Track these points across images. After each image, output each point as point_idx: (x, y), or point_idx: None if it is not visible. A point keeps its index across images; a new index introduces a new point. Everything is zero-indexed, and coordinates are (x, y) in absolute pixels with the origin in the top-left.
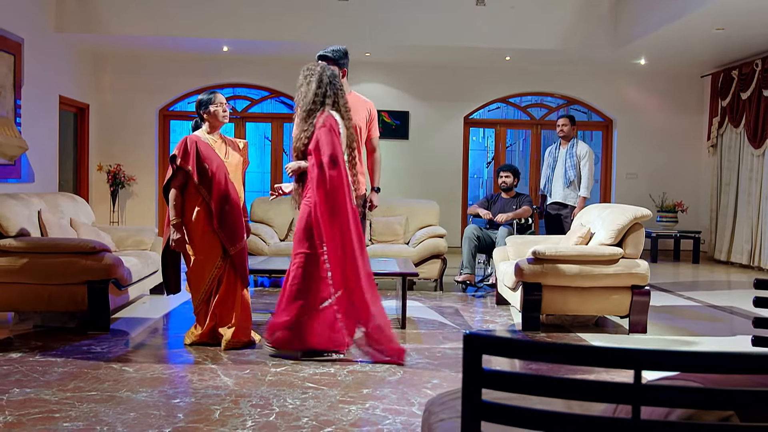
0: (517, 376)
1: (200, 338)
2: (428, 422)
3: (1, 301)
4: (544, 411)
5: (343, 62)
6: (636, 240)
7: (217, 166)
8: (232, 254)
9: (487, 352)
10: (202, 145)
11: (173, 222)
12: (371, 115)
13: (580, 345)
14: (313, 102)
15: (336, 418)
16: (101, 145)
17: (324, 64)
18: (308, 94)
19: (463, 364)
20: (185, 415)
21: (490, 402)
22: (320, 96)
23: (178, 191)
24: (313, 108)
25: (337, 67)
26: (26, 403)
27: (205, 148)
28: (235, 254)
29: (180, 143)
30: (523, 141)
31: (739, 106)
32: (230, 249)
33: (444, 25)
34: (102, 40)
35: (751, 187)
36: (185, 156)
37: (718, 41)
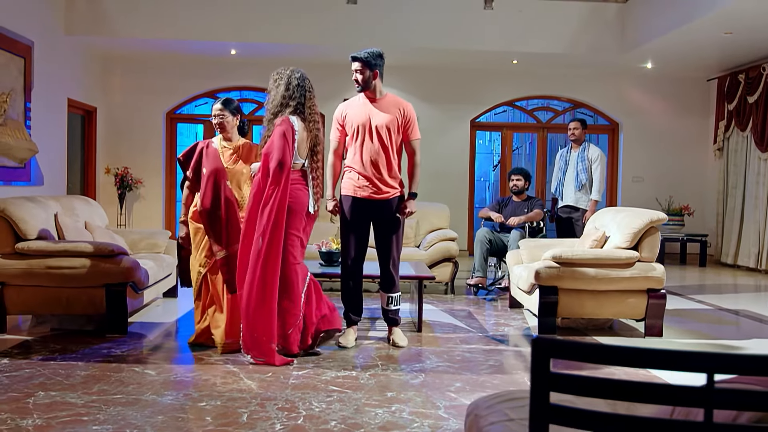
0: (585, 379)
1: (196, 337)
2: (476, 425)
3: (20, 303)
4: (613, 414)
5: (376, 63)
6: (652, 243)
7: (214, 169)
8: (217, 258)
9: (555, 355)
10: (209, 150)
11: (181, 219)
12: (404, 116)
13: (650, 348)
14: (279, 105)
15: (364, 422)
16: (109, 147)
17: (294, 68)
18: (276, 98)
19: (531, 368)
20: (213, 419)
21: (558, 405)
22: (286, 99)
23: (190, 191)
24: (278, 111)
25: (368, 69)
26: (53, 407)
27: (211, 153)
28: (223, 259)
29: (189, 147)
30: (530, 144)
31: (746, 110)
32: (217, 251)
33: (452, 28)
34: (110, 43)
35: (758, 190)
36: (188, 159)
37: (724, 45)
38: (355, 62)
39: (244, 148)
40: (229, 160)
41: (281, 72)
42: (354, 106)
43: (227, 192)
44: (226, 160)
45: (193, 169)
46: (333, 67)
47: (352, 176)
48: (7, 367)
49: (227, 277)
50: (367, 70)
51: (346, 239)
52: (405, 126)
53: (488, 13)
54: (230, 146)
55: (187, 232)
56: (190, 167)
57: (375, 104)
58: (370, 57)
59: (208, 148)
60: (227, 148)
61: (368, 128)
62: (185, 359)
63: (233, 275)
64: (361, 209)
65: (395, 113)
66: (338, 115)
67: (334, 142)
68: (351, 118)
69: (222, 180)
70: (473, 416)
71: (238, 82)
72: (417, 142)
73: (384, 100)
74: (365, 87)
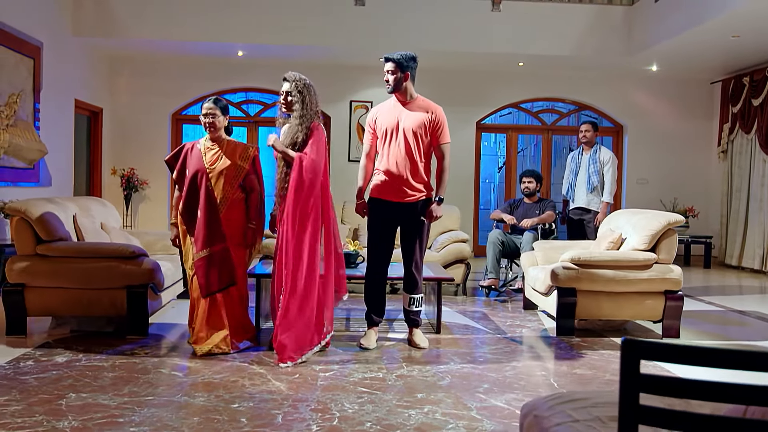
0: (676, 381)
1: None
2: (539, 426)
3: (40, 305)
4: (703, 415)
5: (408, 65)
6: (669, 245)
7: (194, 172)
8: (194, 259)
9: (646, 357)
10: (193, 151)
11: (171, 222)
12: (432, 120)
13: (745, 350)
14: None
15: (399, 423)
16: (114, 148)
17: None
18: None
19: (620, 369)
20: (248, 420)
21: (647, 406)
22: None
23: (180, 193)
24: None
25: (400, 70)
26: (86, 408)
27: (195, 154)
28: (200, 259)
29: (176, 148)
30: (534, 146)
31: (751, 113)
32: (194, 253)
33: (459, 30)
34: (117, 44)
35: (762, 192)
36: (174, 161)
37: (730, 48)
38: (388, 63)
39: (228, 146)
40: (212, 160)
41: (302, 78)
42: (385, 110)
43: (207, 192)
44: (209, 160)
45: (178, 171)
46: (340, 69)
47: (379, 178)
48: (34, 369)
49: (203, 280)
50: (399, 72)
51: (372, 241)
52: (434, 129)
53: (495, 15)
54: (215, 147)
55: (177, 234)
56: (176, 169)
57: (405, 107)
58: (403, 59)
59: (192, 150)
60: (211, 149)
61: (396, 131)
62: (210, 361)
63: (210, 277)
64: (387, 211)
65: (425, 117)
66: (370, 119)
67: (366, 144)
68: (381, 121)
69: (202, 181)
70: (532, 417)
71: (244, 84)
72: (447, 146)
73: (414, 103)
74: (396, 88)
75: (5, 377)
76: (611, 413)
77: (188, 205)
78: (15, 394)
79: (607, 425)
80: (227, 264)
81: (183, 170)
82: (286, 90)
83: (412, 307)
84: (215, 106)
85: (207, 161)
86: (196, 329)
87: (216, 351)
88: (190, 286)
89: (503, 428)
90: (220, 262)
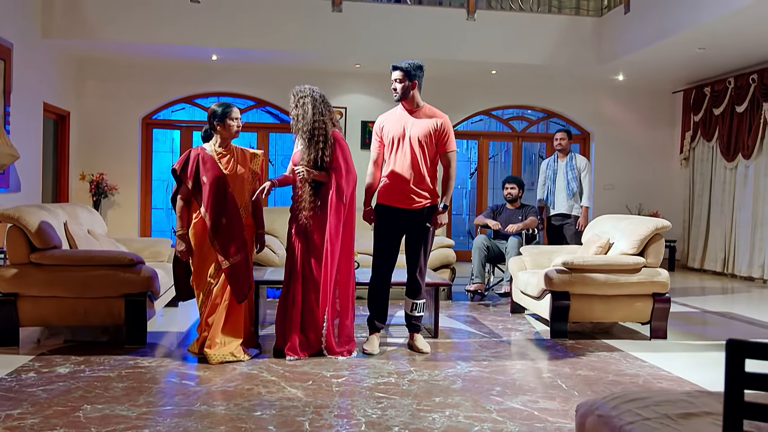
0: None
1: (199, 349)
2: (610, 425)
3: (34, 315)
4: None
5: (415, 74)
6: (657, 249)
7: (215, 178)
8: (223, 268)
9: (750, 356)
10: (205, 158)
11: (178, 233)
12: (438, 129)
13: None
14: (314, 122)
15: (425, 427)
16: (83, 153)
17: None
18: (306, 116)
19: (726, 368)
20: (276, 427)
21: (753, 402)
22: (318, 115)
23: (185, 203)
24: (315, 127)
25: (408, 79)
26: (107, 420)
27: (208, 160)
28: (229, 267)
29: (182, 156)
30: (505, 153)
31: (712, 121)
32: (222, 261)
33: (435, 38)
34: (86, 46)
35: (724, 198)
36: (184, 169)
37: (693, 59)
38: (395, 71)
39: (237, 152)
40: (227, 166)
41: (302, 91)
42: (392, 118)
43: (229, 199)
44: (224, 166)
45: (191, 178)
46: (315, 74)
47: (386, 185)
48: (39, 381)
49: (236, 285)
50: (406, 80)
51: (378, 246)
52: (440, 138)
53: (470, 24)
54: (226, 153)
55: (187, 246)
56: (188, 176)
57: (412, 115)
58: (411, 68)
59: (203, 157)
60: (224, 155)
61: (403, 139)
62: (218, 369)
63: (240, 284)
64: (393, 218)
65: (430, 125)
66: (377, 127)
67: (374, 152)
68: (388, 129)
69: (224, 187)
70: (596, 417)
71: (217, 88)
72: (453, 154)
73: (421, 111)
74: (403, 97)
75: (10, 390)
76: (677, 411)
77: (215, 212)
78: (27, 407)
79: (678, 422)
80: (251, 269)
81: (197, 177)
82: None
83: (415, 312)
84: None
85: (223, 167)
86: (212, 334)
87: (231, 359)
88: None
89: (527, 429)
90: (247, 268)
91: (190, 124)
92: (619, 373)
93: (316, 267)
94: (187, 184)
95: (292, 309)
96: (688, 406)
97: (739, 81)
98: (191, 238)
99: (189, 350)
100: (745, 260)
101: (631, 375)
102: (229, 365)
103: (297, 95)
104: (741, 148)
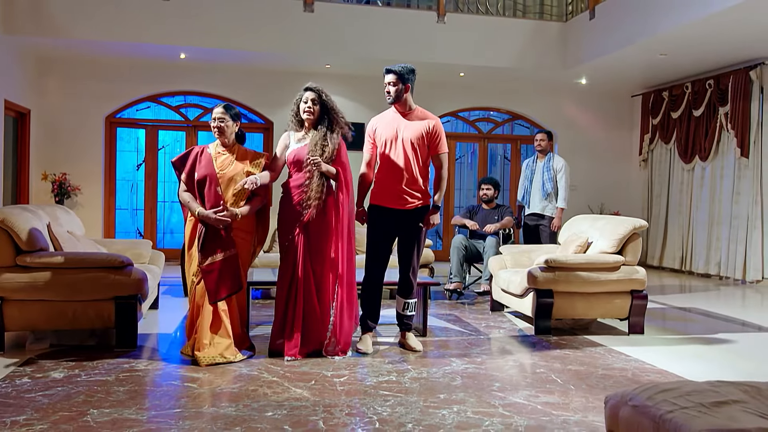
0: None
1: (190, 350)
2: (648, 414)
3: (21, 320)
4: None
5: (408, 78)
6: (635, 248)
7: (205, 176)
8: (201, 266)
9: None
10: (204, 155)
11: (201, 215)
12: (430, 131)
13: None
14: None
15: (438, 423)
16: (44, 152)
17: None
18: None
19: None
20: (291, 427)
21: None
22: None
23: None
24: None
25: (401, 82)
26: (118, 424)
27: (205, 158)
28: (206, 266)
29: (184, 152)
30: (471, 154)
31: (670, 125)
32: (201, 261)
33: (406, 40)
34: (50, 43)
35: (681, 198)
36: (182, 164)
37: (653, 64)
38: (389, 74)
39: (239, 153)
40: (222, 165)
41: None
42: (384, 121)
43: (217, 198)
44: (219, 165)
45: (188, 174)
46: (285, 75)
47: (379, 186)
48: (35, 386)
49: (211, 286)
50: (400, 84)
51: (370, 247)
52: (432, 140)
53: (441, 27)
54: (225, 152)
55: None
56: (185, 171)
57: (404, 118)
58: (404, 71)
59: (202, 154)
60: (222, 154)
61: (395, 141)
62: (216, 371)
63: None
64: (386, 218)
65: (423, 127)
66: (370, 129)
67: (366, 154)
68: (381, 131)
69: (211, 186)
70: (629, 408)
71: (184, 87)
72: (444, 155)
73: (413, 114)
74: (396, 99)
75: (8, 396)
76: (709, 400)
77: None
78: (30, 413)
79: (712, 410)
80: (235, 270)
81: (191, 173)
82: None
83: (407, 311)
84: (225, 111)
85: (217, 166)
86: (199, 336)
87: (221, 360)
88: (191, 293)
89: (536, 423)
90: (229, 269)
91: (155, 123)
92: (607, 367)
93: (318, 265)
94: (180, 177)
95: (292, 309)
96: (715, 395)
97: (696, 86)
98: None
99: (182, 353)
100: (702, 258)
101: (619, 369)
102: (226, 366)
103: (320, 90)
104: (698, 151)
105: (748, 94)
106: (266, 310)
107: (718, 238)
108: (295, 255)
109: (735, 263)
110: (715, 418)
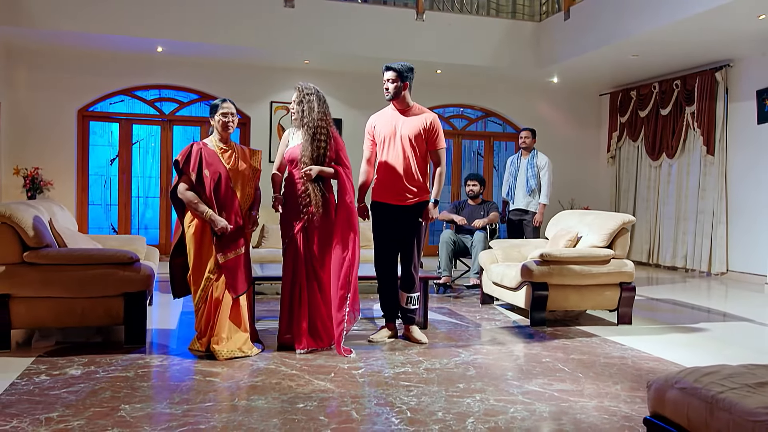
0: None
1: (203, 347)
2: (698, 395)
3: (28, 317)
4: None
5: (407, 75)
6: (624, 242)
7: (216, 173)
8: (221, 262)
9: None
10: (208, 152)
11: (208, 216)
12: (428, 128)
13: None
14: (319, 119)
15: (465, 411)
16: (14, 146)
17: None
18: (312, 113)
19: None
20: (327, 417)
21: None
22: (322, 114)
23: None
24: (319, 125)
25: (400, 80)
26: (155, 418)
27: (211, 154)
28: (227, 262)
29: (185, 149)
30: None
31: (638, 123)
32: (219, 256)
33: (384, 37)
34: (20, 33)
35: (649, 194)
36: (187, 161)
37: (623, 65)
38: (388, 72)
39: (238, 149)
40: (230, 161)
41: (308, 88)
42: (383, 118)
43: (230, 194)
44: (226, 161)
45: (194, 172)
46: (262, 70)
47: (379, 183)
48: (56, 384)
49: (233, 281)
50: (399, 81)
51: (378, 244)
52: (430, 136)
53: (419, 25)
54: (227, 149)
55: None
56: (191, 169)
57: (402, 115)
58: (403, 69)
59: (205, 150)
60: (225, 150)
61: (394, 138)
62: (234, 365)
63: (236, 280)
64: (387, 214)
65: (421, 124)
66: (369, 126)
67: (366, 151)
68: (379, 129)
69: (226, 182)
70: (677, 390)
71: (160, 81)
72: (442, 151)
73: (411, 111)
74: (395, 96)
75: (31, 393)
76: (752, 381)
77: (216, 206)
78: (62, 409)
79: (758, 390)
80: (249, 264)
81: (199, 171)
82: (293, 98)
83: (410, 305)
84: (234, 107)
85: (225, 162)
86: (218, 330)
87: (239, 355)
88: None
89: (557, 409)
90: (246, 263)
91: (129, 117)
92: (607, 356)
93: (325, 263)
94: (191, 176)
95: (297, 305)
96: (754, 377)
97: (664, 86)
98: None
99: (190, 348)
100: (669, 251)
101: (619, 357)
102: (240, 361)
103: (303, 91)
104: (665, 148)
105: (714, 95)
106: (261, 305)
107: (684, 232)
108: (295, 252)
109: (701, 256)
110: (764, 396)
